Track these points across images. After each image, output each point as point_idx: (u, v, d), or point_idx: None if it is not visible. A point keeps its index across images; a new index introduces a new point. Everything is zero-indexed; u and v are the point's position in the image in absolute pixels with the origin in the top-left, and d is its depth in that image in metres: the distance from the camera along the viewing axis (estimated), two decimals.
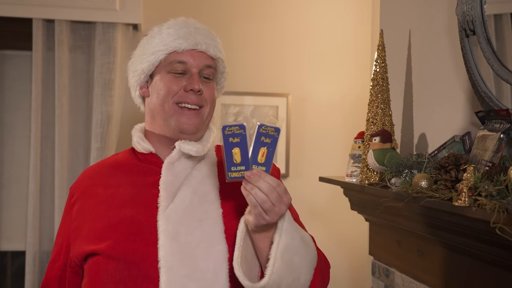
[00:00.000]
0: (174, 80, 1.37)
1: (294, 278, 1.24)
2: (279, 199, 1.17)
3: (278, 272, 1.20)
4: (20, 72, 3.10)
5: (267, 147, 1.19)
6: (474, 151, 1.48)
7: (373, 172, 1.93)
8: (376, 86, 1.95)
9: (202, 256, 1.26)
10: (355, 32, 3.34)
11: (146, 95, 1.43)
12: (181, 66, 1.37)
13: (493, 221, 1.13)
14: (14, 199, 3.08)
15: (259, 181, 1.16)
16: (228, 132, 1.18)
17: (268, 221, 1.18)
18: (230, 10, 3.23)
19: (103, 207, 1.35)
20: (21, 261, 3.08)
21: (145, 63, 1.39)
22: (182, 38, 1.37)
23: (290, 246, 1.23)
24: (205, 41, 1.38)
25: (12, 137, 3.10)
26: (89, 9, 2.94)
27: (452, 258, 1.65)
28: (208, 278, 1.25)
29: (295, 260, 1.24)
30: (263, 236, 1.23)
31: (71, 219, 1.39)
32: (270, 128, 1.19)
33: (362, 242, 3.13)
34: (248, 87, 3.21)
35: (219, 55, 1.42)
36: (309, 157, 3.31)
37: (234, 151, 1.17)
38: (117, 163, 1.45)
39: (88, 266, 1.31)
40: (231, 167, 1.18)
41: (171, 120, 1.37)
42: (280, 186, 1.18)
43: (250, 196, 1.16)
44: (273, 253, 1.20)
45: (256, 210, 1.17)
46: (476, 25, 1.50)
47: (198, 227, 1.29)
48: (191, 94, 1.36)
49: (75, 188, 1.44)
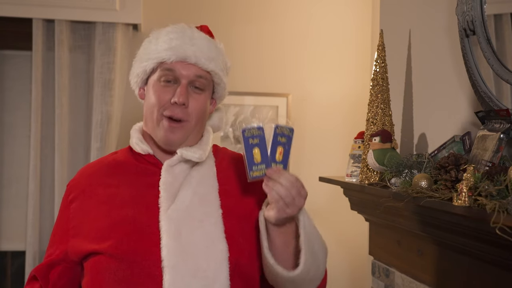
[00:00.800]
0: (163, 90, 1.37)
1: (316, 266, 1.34)
2: (299, 192, 1.26)
3: (308, 261, 1.29)
4: (20, 72, 3.10)
5: (283, 146, 1.28)
6: (474, 151, 1.48)
7: (373, 172, 1.93)
8: (376, 86, 1.95)
9: (203, 256, 1.28)
10: (355, 32, 3.34)
11: (142, 98, 1.46)
12: (170, 74, 1.37)
13: (493, 221, 1.13)
14: (14, 199, 3.08)
15: (280, 177, 1.25)
16: (248, 134, 1.25)
17: (289, 214, 1.26)
18: (230, 11, 3.23)
19: (104, 207, 1.35)
20: (21, 261, 3.08)
21: (140, 69, 1.42)
22: (172, 50, 1.36)
23: (311, 236, 1.32)
24: (195, 54, 1.37)
25: (12, 137, 3.10)
26: (89, 9, 2.94)
27: (452, 258, 1.65)
28: (209, 276, 1.27)
29: (315, 249, 1.34)
30: (281, 232, 1.31)
31: (69, 216, 1.39)
32: (285, 129, 1.28)
33: (362, 242, 3.13)
34: (248, 87, 3.21)
35: (212, 68, 1.40)
36: (309, 157, 3.31)
37: (255, 151, 1.25)
38: (116, 162, 1.45)
39: (90, 265, 1.32)
40: (252, 167, 1.26)
41: (157, 130, 1.38)
42: (298, 181, 1.27)
43: (273, 192, 1.25)
44: (303, 244, 1.29)
45: (278, 204, 1.25)
46: (476, 25, 1.50)
47: (199, 227, 1.31)
48: (176, 106, 1.36)
49: (73, 185, 1.44)
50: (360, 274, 3.30)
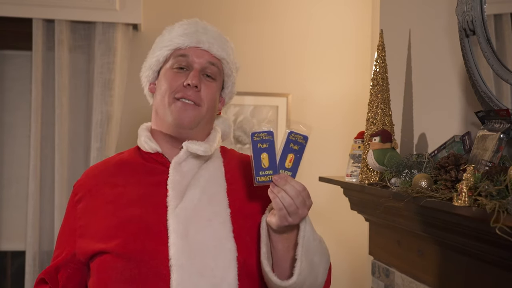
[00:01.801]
0: (176, 76, 1.39)
1: (314, 277, 1.31)
2: (303, 203, 1.23)
3: (304, 272, 1.27)
4: (20, 72, 3.10)
5: (295, 154, 1.26)
6: (474, 151, 1.48)
7: (373, 172, 1.93)
8: (376, 86, 1.95)
9: (211, 255, 1.28)
10: (355, 32, 3.34)
11: (152, 91, 1.46)
12: (183, 59, 1.39)
13: (493, 221, 1.13)
14: (14, 199, 3.08)
15: (286, 185, 1.22)
16: (257, 138, 1.23)
17: (290, 223, 1.24)
18: (230, 10, 3.23)
19: (110, 206, 1.35)
20: (21, 261, 3.07)
21: (153, 59, 1.44)
22: (186, 36, 1.41)
23: (311, 247, 1.30)
24: (208, 40, 1.41)
25: (12, 137, 3.10)
26: (89, 9, 2.94)
27: (452, 258, 1.65)
28: (217, 276, 1.27)
29: (315, 260, 1.31)
30: (282, 238, 1.29)
31: (76, 216, 1.39)
32: (299, 136, 1.27)
33: (362, 242, 3.13)
34: (248, 87, 3.21)
35: (224, 56, 1.43)
36: (309, 157, 3.30)
37: (263, 156, 1.23)
38: (122, 162, 1.45)
39: (96, 264, 1.31)
40: (259, 172, 1.24)
41: (169, 113, 1.37)
42: (305, 191, 1.24)
43: (277, 199, 1.22)
44: (299, 253, 1.27)
45: (281, 212, 1.23)
46: (476, 25, 1.50)
47: (208, 226, 1.31)
48: (188, 89, 1.37)
49: (80, 186, 1.44)
50: (360, 274, 3.30)
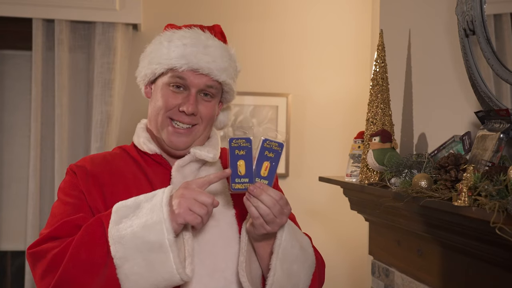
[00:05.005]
0: (172, 95, 1.36)
1: (293, 285, 1.29)
2: (281, 211, 1.22)
3: (278, 281, 1.25)
4: (20, 72, 3.10)
5: (271, 162, 1.23)
6: (474, 151, 1.48)
7: (373, 172, 1.93)
8: (376, 86, 1.95)
9: (220, 256, 1.29)
10: (355, 32, 3.34)
11: (148, 96, 1.45)
12: (180, 81, 1.36)
13: (492, 221, 1.13)
14: (14, 199, 3.08)
15: (262, 195, 1.20)
16: (234, 144, 1.22)
17: (268, 231, 1.23)
18: (230, 10, 3.23)
19: (125, 194, 1.30)
20: (21, 261, 3.08)
21: (149, 70, 1.40)
22: (185, 58, 1.33)
23: (289, 255, 1.28)
24: (208, 64, 1.34)
25: (12, 137, 3.10)
26: (89, 9, 2.94)
27: (451, 258, 1.65)
28: (227, 277, 1.28)
29: (293, 268, 1.29)
30: (263, 244, 1.29)
31: (86, 192, 1.30)
32: (274, 143, 1.23)
33: (362, 242, 3.13)
34: (248, 87, 3.21)
35: (224, 78, 1.38)
36: (309, 157, 3.31)
37: (239, 163, 1.22)
38: (123, 155, 1.42)
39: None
40: (235, 179, 1.22)
41: (162, 133, 1.37)
42: (282, 199, 1.22)
43: (252, 208, 1.21)
44: (273, 264, 1.25)
45: (258, 221, 1.21)
46: (476, 25, 1.50)
47: (216, 226, 1.32)
48: (183, 114, 1.35)
49: (81, 170, 1.35)
50: (360, 274, 3.30)
